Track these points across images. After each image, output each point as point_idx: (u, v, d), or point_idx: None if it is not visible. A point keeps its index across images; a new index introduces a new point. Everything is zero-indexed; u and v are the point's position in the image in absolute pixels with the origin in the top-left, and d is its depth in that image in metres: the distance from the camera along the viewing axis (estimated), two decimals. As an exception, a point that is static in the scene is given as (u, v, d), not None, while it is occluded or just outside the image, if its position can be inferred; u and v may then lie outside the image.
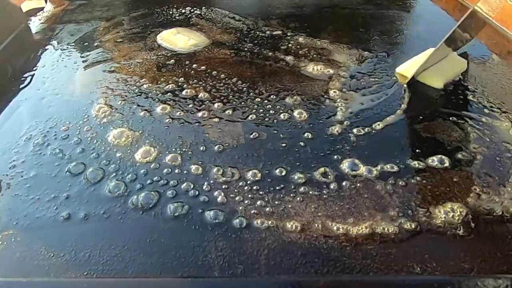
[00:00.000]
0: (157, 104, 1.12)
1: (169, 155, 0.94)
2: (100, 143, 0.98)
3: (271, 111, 1.09)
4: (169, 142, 0.99)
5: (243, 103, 1.13)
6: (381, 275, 0.70)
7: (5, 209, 0.82)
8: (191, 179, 0.88)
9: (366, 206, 0.83)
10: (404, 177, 0.89)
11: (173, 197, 0.84)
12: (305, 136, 1.01)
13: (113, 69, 1.30)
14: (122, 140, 0.99)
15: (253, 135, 1.01)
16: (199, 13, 1.70)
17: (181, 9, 1.73)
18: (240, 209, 0.82)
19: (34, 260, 0.72)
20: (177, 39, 1.44)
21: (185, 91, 1.17)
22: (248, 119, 1.07)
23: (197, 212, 0.81)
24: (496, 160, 0.94)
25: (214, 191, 0.86)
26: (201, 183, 0.88)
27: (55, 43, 1.48)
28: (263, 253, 0.73)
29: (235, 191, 0.86)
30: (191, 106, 1.12)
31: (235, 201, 0.84)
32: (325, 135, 1.02)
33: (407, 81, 1.18)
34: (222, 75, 1.25)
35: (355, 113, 1.09)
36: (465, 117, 1.07)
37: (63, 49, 1.44)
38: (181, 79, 1.23)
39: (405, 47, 1.44)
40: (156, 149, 0.96)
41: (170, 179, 0.88)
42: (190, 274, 0.70)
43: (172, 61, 1.33)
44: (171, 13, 1.70)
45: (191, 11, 1.71)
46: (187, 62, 1.32)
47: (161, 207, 0.82)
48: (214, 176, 0.89)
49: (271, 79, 1.24)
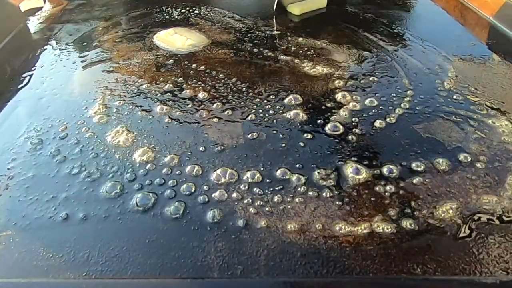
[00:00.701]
0: (156, 104, 1.12)
1: (168, 156, 0.94)
2: (98, 144, 0.98)
3: (270, 111, 1.09)
4: (168, 142, 0.98)
5: (242, 103, 1.13)
6: (380, 276, 0.70)
7: (4, 210, 0.82)
8: (190, 180, 0.88)
9: (365, 206, 0.82)
10: (404, 178, 0.89)
11: (172, 197, 0.84)
12: (305, 136, 1.00)
13: (112, 69, 1.29)
14: (121, 140, 0.99)
15: (253, 135, 1.01)
16: (198, 12, 1.70)
17: (180, 9, 1.72)
18: (239, 209, 0.82)
19: (32, 261, 0.72)
20: (174, 40, 1.43)
21: (184, 91, 1.17)
22: (247, 119, 1.07)
23: (197, 212, 0.81)
24: (496, 160, 0.93)
25: (213, 191, 0.85)
26: (200, 183, 0.87)
27: (53, 43, 1.48)
28: (262, 253, 0.73)
29: (235, 191, 0.85)
30: (190, 106, 1.12)
31: (235, 201, 0.83)
32: (325, 135, 1.02)
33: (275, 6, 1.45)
34: (221, 75, 1.25)
35: (355, 113, 1.08)
36: (465, 117, 1.07)
37: (61, 49, 1.43)
38: (180, 79, 1.23)
39: (405, 47, 1.43)
40: (155, 149, 0.96)
41: (169, 179, 0.88)
42: (189, 274, 0.70)
43: (171, 61, 1.33)
44: (170, 12, 1.70)
45: (190, 10, 1.71)
46: (186, 62, 1.32)
47: (160, 208, 0.82)
48: (213, 176, 0.89)
49: (271, 79, 1.24)
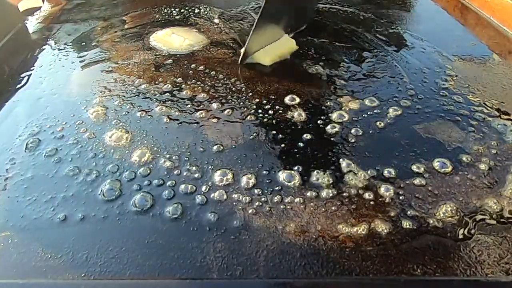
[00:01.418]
0: (155, 104, 1.11)
1: (167, 156, 0.94)
2: (97, 144, 0.97)
3: (270, 112, 1.09)
4: (167, 142, 0.98)
5: (241, 103, 1.12)
6: (380, 277, 0.70)
7: (2, 210, 0.82)
8: (189, 180, 0.88)
9: (365, 207, 0.82)
10: (403, 178, 0.88)
11: (171, 198, 0.84)
12: (304, 136, 1.00)
13: (110, 69, 1.29)
14: (119, 140, 0.98)
15: (252, 135, 1.01)
16: (197, 12, 1.69)
17: (179, 9, 1.72)
18: (238, 210, 0.81)
19: (31, 261, 0.72)
20: (172, 40, 1.42)
21: (183, 91, 1.17)
22: (247, 119, 1.06)
23: (196, 213, 0.81)
24: (496, 160, 0.93)
25: (212, 192, 0.85)
26: (199, 184, 0.87)
27: (52, 42, 1.48)
28: (262, 254, 0.73)
29: (234, 192, 0.85)
30: (189, 106, 1.11)
31: (234, 202, 0.83)
32: (325, 135, 1.01)
33: (240, 59, 1.30)
34: (220, 75, 1.24)
35: (354, 113, 1.08)
36: (465, 117, 1.07)
37: (60, 49, 1.43)
38: (179, 79, 1.22)
39: (405, 47, 1.43)
40: (154, 149, 0.96)
41: (168, 180, 0.88)
42: (188, 275, 0.70)
43: (170, 61, 1.32)
44: (169, 12, 1.70)
45: (189, 10, 1.71)
46: (185, 62, 1.31)
47: (159, 208, 0.81)
48: (212, 177, 0.88)
49: (270, 79, 1.24)
